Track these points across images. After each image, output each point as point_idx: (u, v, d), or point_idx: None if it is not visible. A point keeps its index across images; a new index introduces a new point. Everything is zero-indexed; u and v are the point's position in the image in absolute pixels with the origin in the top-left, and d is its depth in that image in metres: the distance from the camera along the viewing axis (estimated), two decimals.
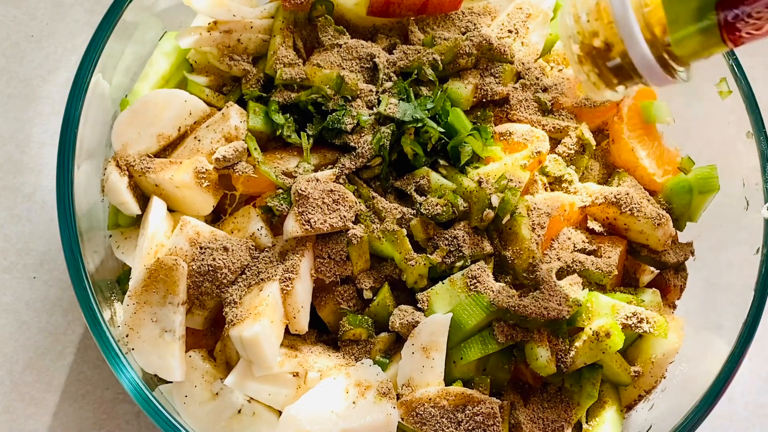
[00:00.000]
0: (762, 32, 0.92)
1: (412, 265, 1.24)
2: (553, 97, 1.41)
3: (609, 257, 1.36)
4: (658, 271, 1.45)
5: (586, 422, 1.34)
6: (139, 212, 1.30)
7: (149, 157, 1.30)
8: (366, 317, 1.26)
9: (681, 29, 0.97)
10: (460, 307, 1.23)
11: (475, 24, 1.42)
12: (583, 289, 1.31)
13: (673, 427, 1.25)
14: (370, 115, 1.29)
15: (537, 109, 1.40)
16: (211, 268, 1.21)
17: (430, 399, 1.20)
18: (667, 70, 1.02)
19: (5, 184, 1.60)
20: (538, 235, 1.30)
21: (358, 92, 1.31)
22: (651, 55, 1.00)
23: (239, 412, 1.21)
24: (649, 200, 1.41)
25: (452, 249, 1.26)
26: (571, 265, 1.32)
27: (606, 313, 1.29)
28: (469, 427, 1.19)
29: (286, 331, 1.23)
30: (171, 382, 1.22)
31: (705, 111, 1.45)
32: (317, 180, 1.24)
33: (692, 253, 1.45)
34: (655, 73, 1.02)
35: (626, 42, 1.01)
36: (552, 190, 1.39)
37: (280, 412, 1.21)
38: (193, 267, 1.21)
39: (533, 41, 1.44)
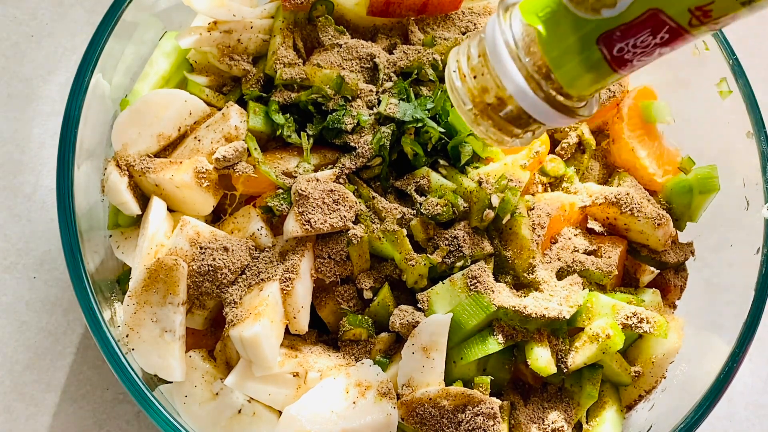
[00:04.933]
0: (653, 55, 0.88)
1: (412, 265, 1.24)
2: None
3: (609, 257, 1.36)
4: (658, 271, 1.45)
5: (586, 422, 1.34)
6: (139, 212, 1.30)
7: (149, 157, 1.30)
8: (366, 317, 1.26)
9: (568, 70, 0.94)
10: (460, 307, 1.23)
11: (475, 24, 1.41)
12: (583, 289, 1.31)
13: (673, 427, 1.25)
14: (370, 115, 1.29)
15: None
16: (211, 268, 1.21)
17: (430, 399, 1.19)
18: (566, 111, 0.99)
19: (5, 184, 1.60)
20: (538, 235, 1.30)
21: (358, 92, 1.31)
22: (544, 102, 0.97)
23: (239, 412, 1.21)
24: (649, 200, 1.40)
25: (452, 249, 1.26)
26: (571, 265, 1.32)
27: (606, 313, 1.29)
28: (469, 428, 1.19)
29: (286, 331, 1.23)
30: (171, 382, 1.22)
31: (705, 111, 1.45)
32: (317, 180, 1.24)
33: (692, 253, 1.45)
34: (552, 117, 0.99)
35: (515, 95, 0.98)
36: (552, 190, 1.39)
37: (280, 412, 1.21)
38: (193, 267, 1.21)
39: None
